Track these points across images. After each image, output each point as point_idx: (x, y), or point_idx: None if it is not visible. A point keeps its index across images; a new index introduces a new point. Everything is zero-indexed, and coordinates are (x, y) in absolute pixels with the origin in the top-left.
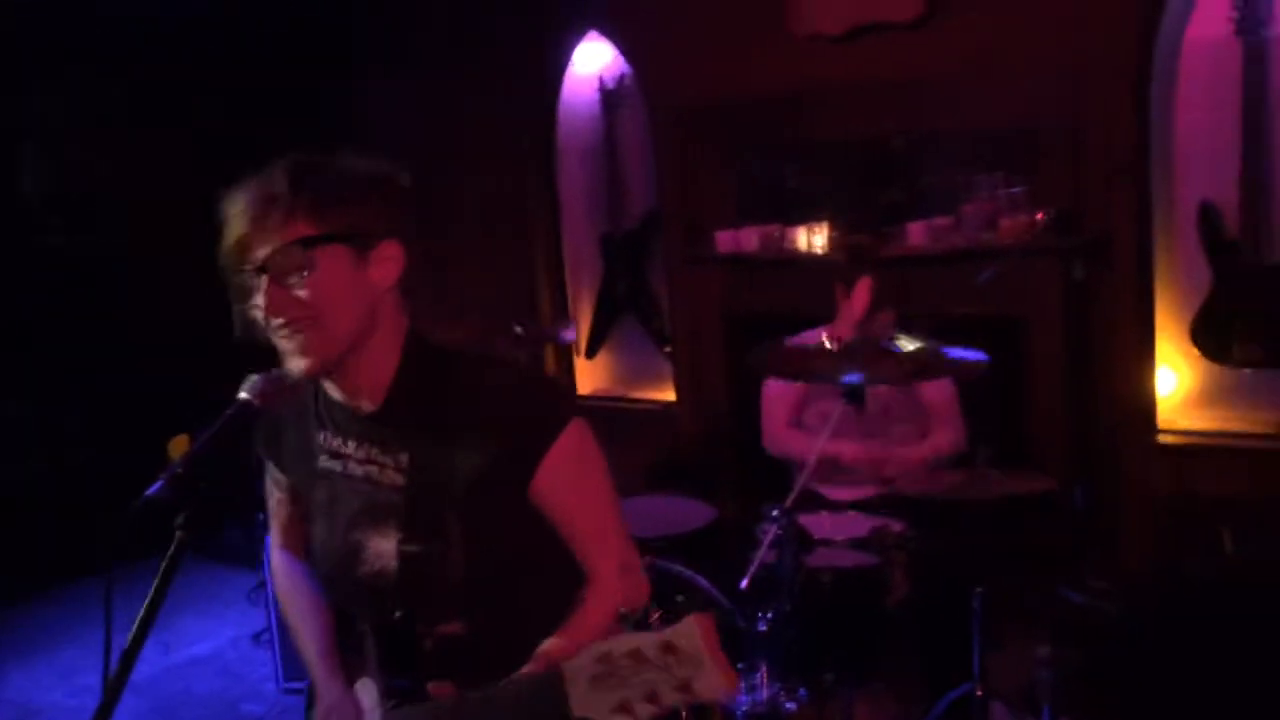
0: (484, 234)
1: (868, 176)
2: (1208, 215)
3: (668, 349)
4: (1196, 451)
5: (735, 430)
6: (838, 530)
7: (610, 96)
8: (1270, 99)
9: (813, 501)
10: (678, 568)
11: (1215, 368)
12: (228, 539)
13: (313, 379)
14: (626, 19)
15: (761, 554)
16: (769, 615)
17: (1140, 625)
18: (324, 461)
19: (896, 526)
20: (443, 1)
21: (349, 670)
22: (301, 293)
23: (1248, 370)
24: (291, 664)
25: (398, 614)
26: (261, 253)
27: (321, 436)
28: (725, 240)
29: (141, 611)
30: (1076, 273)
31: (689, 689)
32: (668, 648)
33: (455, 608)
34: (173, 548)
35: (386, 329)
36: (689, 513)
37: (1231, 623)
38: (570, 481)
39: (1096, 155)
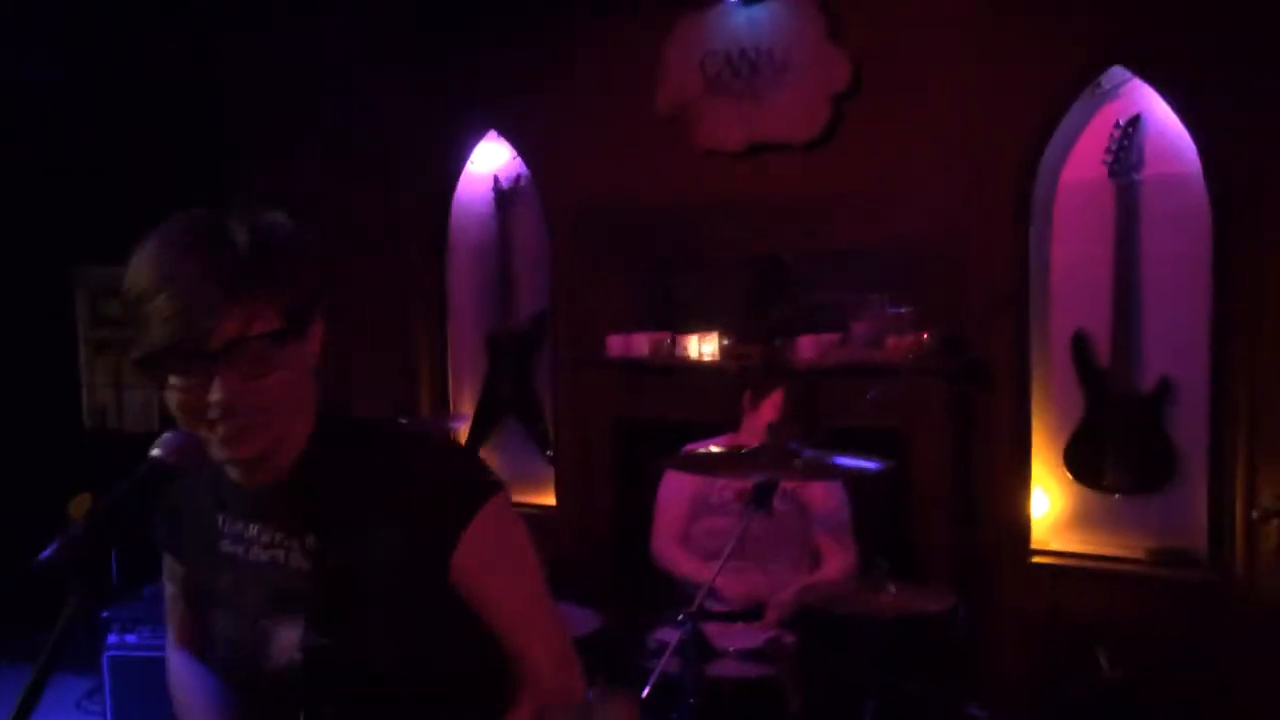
0: (372, 322)
1: (759, 290)
2: (1081, 344)
3: (549, 453)
4: (1069, 573)
5: (619, 538)
6: (729, 640)
7: (504, 196)
8: (1139, 237)
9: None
10: None
11: (1088, 491)
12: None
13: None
14: (527, 121)
15: (664, 661)
16: None
17: None
18: (226, 546)
19: (788, 638)
20: (344, 87)
21: None
22: (259, 387)
23: (1118, 495)
24: None
25: (302, 716)
26: (218, 340)
27: (221, 520)
28: (616, 345)
29: (23, 693)
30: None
31: None
32: None
33: (369, 709)
34: (64, 619)
35: (305, 409)
36: (570, 618)
37: None
38: (493, 562)
39: (979, 282)
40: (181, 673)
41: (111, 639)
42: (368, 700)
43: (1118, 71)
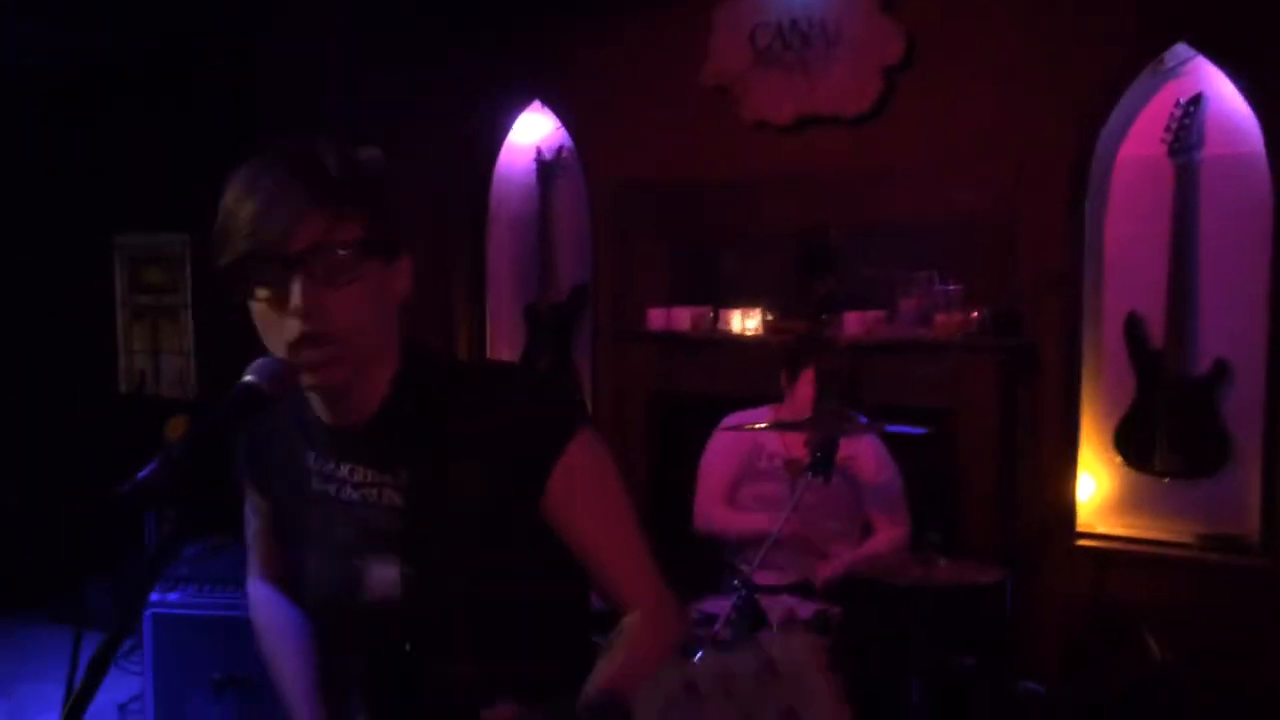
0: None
1: (804, 265)
2: (1134, 325)
3: None
4: (1115, 556)
5: (656, 512)
6: (776, 612)
7: (546, 168)
8: (1197, 218)
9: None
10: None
11: (1135, 475)
12: (90, 600)
13: (326, 393)
14: (572, 91)
15: (722, 620)
16: None
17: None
18: (317, 484)
19: (836, 611)
20: (389, 56)
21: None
22: (340, 298)
23: (1168, 479)
24: None
25: (408, 646)
26: (300, 243)
27: (312, 458)
28: (657, 318)
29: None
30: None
31: (794, 717)
32: (770, 668)
33: (466, 642)
34: (160, 542)
35: (390, 346)
36: None
37: None
38: (585, 496)
39: (1031, 260)
40: (266, 605)
41: (154, 596)
42: (461, 632)
43: (1182, 49)
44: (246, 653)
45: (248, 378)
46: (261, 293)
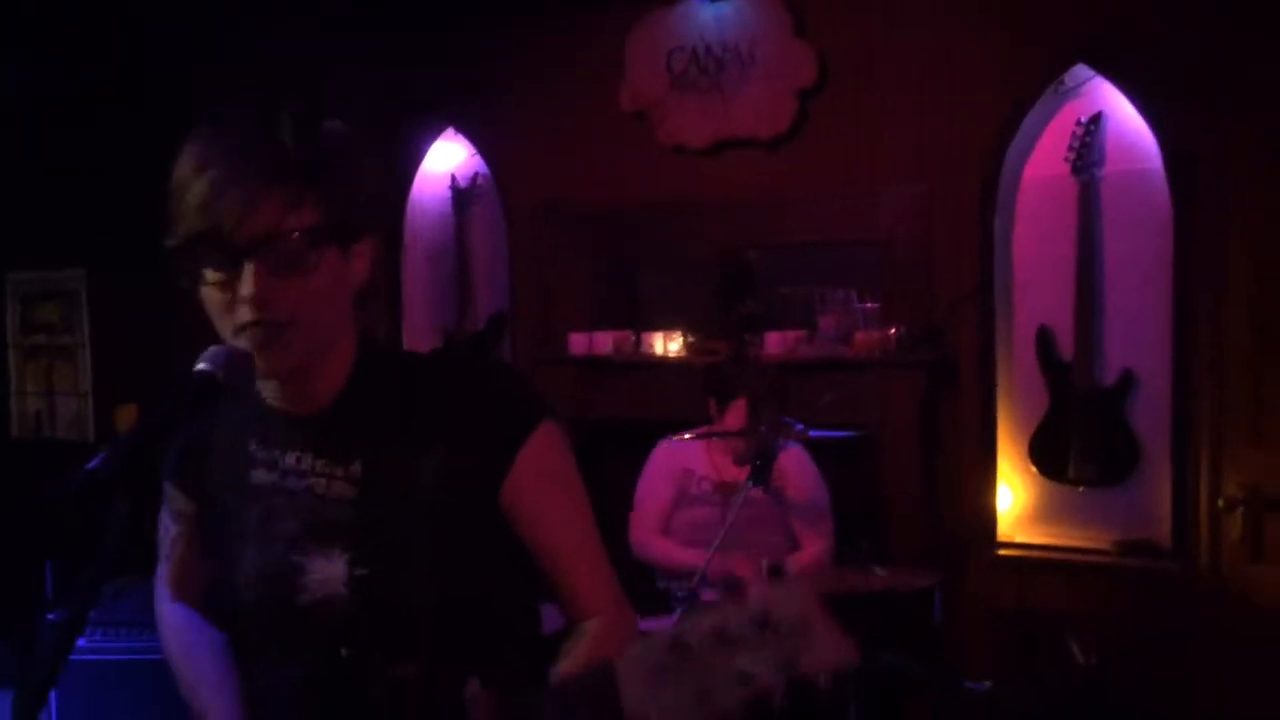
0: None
1: (724, 287)
2: (1044, 339)
3: None
4: (1036, 565)
5: None
6: None
7: (462, 195)
8: (1102, 233)
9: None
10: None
11: (1051, 485)
12: None
13: (279, 379)
14: (486, 117)
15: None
16: None
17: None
18: (258, 476)
19: None
20: (299, 84)
21: None
22: (291, 287)
23: (1082, 488)
24: None
25: (344, 651)
26: (252, 230)
27: (254, 448)
28: (578, 342)
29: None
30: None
31: (793, 665)
32: (764, 620)
33: (412, 644)
34: (111, 532)
35: (343, 340)
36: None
37: None
38: (545, 490)
39: (945, 278)
40: (180, 627)
41: None
42: (410, 632)
43: (1081, 70)
44: (161, 699)
45: (202, 365)
46: (211, 276)
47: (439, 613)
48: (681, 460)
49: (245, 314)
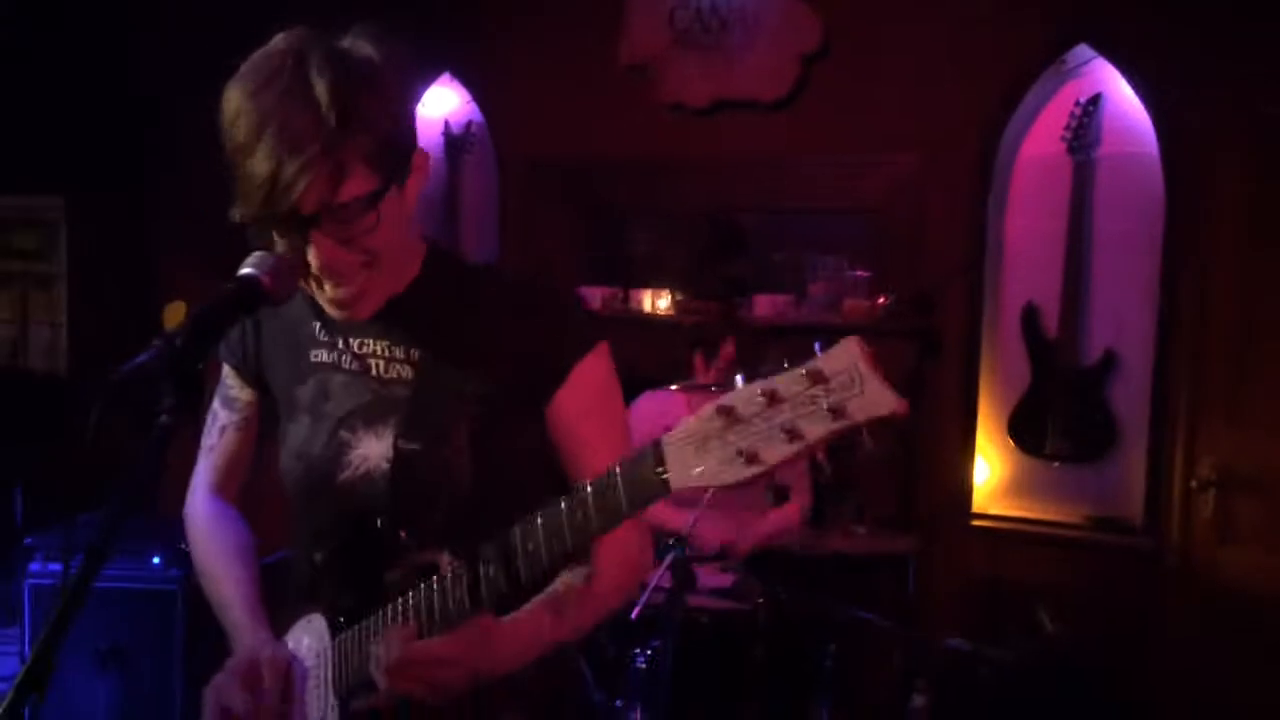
0: None
1: (715, 247)
2: (1030, 316)
3: None
4: (1009, 536)
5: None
6: (701, 580)
7: (454, 142)
8: (1093, 214)
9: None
10: None
11: (1030, 459)
12: None
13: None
14: (484, 64)
15: (656, 577)
16: (648, 652)
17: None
18: (317, 355)
19: (754, 579)
20: (297, 18)
21: (287, 618)
22: (358, 246)
23: (1057, 464)
24: (49, 714)
25: (380, 522)
26: (309, 204)
27: (317, 328)
28: None
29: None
30: None
31: (843, 413)
32: (816, 377)
33: (445, 531)
34: (156, 430)
35: (411, 248)
36: None
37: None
38: (592, 407)
39: (935, 250)
40: (209, 516)
41: (34, 566)
42: (440, 514)
43: (1082, 50)
44: (132, 624)
45: (247, 270)
46: (282, 244)
47: (471, 500)
48: (662, 414)
49: (317, 272)
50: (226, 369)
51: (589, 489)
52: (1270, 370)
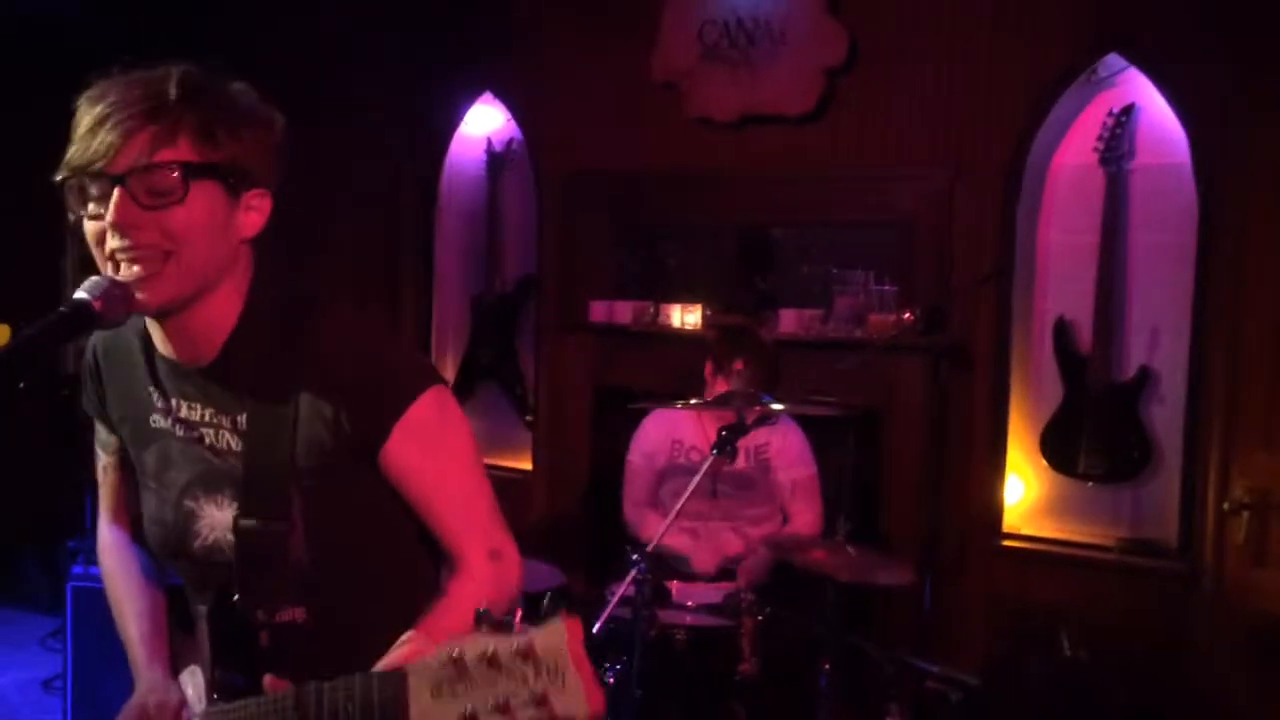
0: (356, 279)
1: (744, 261)
2: (1062, 331)
3: (529, 418)
4: (1039, 558)
5: (593, 503)
6: (688, 596)
7: (496, 160)
8: (1126, 227)
9: (667, 569)
10: None
11: (1062, 478)
12: (25, 575)
13: (155, 314)
14: (522, 84)
15: (620, 593)
16: (616, 668)
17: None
18: (155, 420)
19: (749, 596)
20: (343, 43)
21: (183, 656)
22: (160, 219)
23: (1090, 483)
24: (85, 712)
25: (234, 597)
26: (124, 161)
27: (154, 394)
28: (599, 311)
29: None
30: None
31: (545, 704)
32: (526, 653)
33: (297, 592)
34: None
35: (234, 282)
36: (536, 574)
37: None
38: (427, 452)
39: (964, 263)
40: (112, 548)
41: (76, 569)
42: (290, 583)
43: (1114, 59)
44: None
45: (80, 294)
46: (92, 209)
47: (318, 566)
48: (671, 430)
49: (113, 240)
50: (94, 417)
51: (356, 690)
52: None
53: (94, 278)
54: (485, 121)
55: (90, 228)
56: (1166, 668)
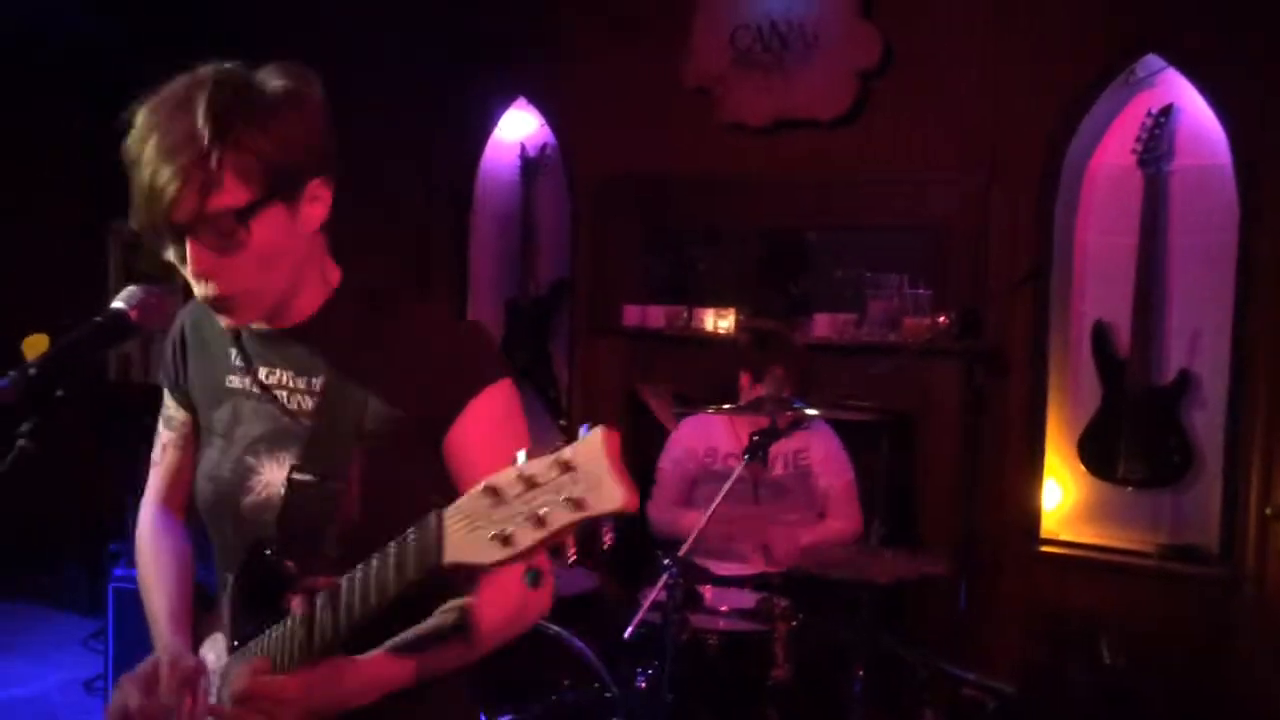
0: (390, 282)
1: (778, 266)
2: (1101, 334)
3: (562, 421)
4: (1077, 564)
5: None
6: (722, 601)
7: (530, 164)
8: (1166, 228)
9: (699, 575)
10: (554, 628)
11: (1100, 483)
12: (67, 577)
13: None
14: (556, 89)
15: (651, 598)
16: (648, 672)
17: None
18: (231, 380)
19: (782, 601)
20: (375, 48)
21: (204, 634)
22: (233, 263)
23: (1129, 488)
24: None
25: (269, 551)
26: (182, 214)
27: (234, 354)
28: (632, 314)
29: None
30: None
31: (582, 505)
32: (564, 466)
33: (335, 559)
34: (9, 459)
35: (314, 268)
36: (567, 577)
37: None
38: (489, 441)
39: (1000, 266)
40: (153, 529)
41: (118, 571)
42: (331, 546)
43: (1152, 60)
44: None
45: (117, 304)
46: (169, 255)
47: (360, 532)
48: (705, 437)
49: (200, 289)
50: (165, 390)
51: (392, 549)
52: None
53: (130, 287)
54: (519, 126)
55: (179, 268)
56: (1207, 675)
